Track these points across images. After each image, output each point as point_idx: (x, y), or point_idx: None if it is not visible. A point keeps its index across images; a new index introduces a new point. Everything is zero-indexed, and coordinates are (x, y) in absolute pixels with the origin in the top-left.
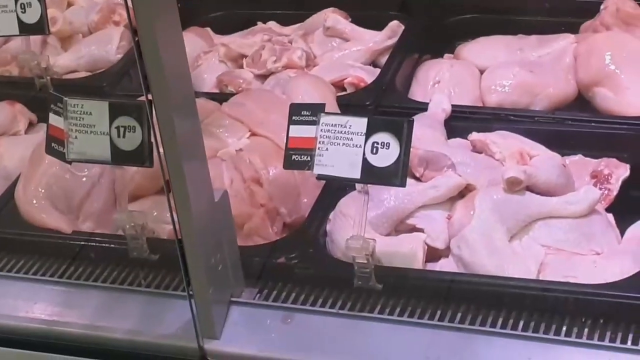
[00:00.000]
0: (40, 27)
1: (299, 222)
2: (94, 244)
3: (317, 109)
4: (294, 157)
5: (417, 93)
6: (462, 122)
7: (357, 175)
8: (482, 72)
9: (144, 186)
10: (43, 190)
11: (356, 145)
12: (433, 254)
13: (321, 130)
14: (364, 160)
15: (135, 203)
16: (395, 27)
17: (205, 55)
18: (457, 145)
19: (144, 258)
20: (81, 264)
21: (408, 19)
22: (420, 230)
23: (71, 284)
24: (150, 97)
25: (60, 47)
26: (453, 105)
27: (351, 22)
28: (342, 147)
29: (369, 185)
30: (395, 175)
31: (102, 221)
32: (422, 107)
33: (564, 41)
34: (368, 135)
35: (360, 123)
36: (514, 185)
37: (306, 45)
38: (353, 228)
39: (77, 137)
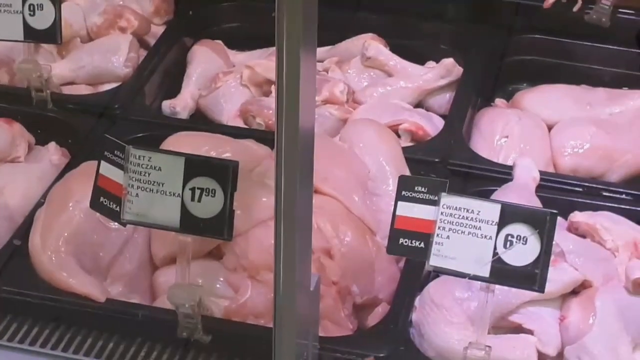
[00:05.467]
0: (51, 36)
1: (369, 304)
2: (134, 317)
3: (435, 186)
4: (402, 241)
5: (480, 146)
6: (544, 192)
7: (485, 273)
8: (548, 126)
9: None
10: (67, 243)
11: (485, 237)
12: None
13: (442, 213)
14: (495, 255)
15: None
16: (450, 66)
17: (225, 76)
18: None
19: (194, 340)
20: (112, 340)
21: (456, 54)
22: (529, 331)
23: None
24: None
25: (56, 52)
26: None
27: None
28: (468, 236)
29: None
30: (533, 278)
31: (132, 284)
32: (498, 168)
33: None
34: (501, 225)
35: (491, 210)
36: None
37: (343, 76)
38: (458, 328)
39: (139, 195)
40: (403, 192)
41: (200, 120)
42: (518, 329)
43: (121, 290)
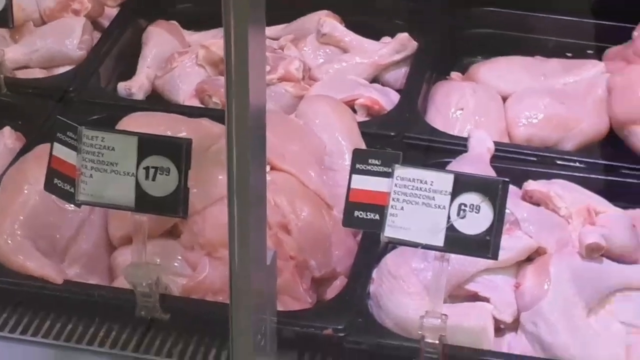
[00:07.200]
0: (3, 19)
1: (328, 277)
2: (91, 298)
3: (389, 159)
4: (357, 213)
5: (435, 119)
6: (499, 162)
7: (439, 242)
8: (503, 98)
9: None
10: (22, 227)
11: (439, 207)
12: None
13: (395, 185)
14: (449, 225)
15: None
16: (405, 41)
17: (180, 56)
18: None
19: (152, 318)
20: (70, 321)
21: (411, 29)
22: (485, 299)
23: (61, 346)
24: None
25: (9, 37)
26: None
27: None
28: (422, 207)
29: None
30: (486, 246)
31: (90, 265)
32: (453, 140)
33: (593, 70)
34: (454, 195)
35: (444, 180)
36: (594, 252)
37: (299, 53)
38: (415, 298)
39: (93, 175)
40: (357, 165)
41: (157, 102)
42: (474, 297)
43: (79, 271)
